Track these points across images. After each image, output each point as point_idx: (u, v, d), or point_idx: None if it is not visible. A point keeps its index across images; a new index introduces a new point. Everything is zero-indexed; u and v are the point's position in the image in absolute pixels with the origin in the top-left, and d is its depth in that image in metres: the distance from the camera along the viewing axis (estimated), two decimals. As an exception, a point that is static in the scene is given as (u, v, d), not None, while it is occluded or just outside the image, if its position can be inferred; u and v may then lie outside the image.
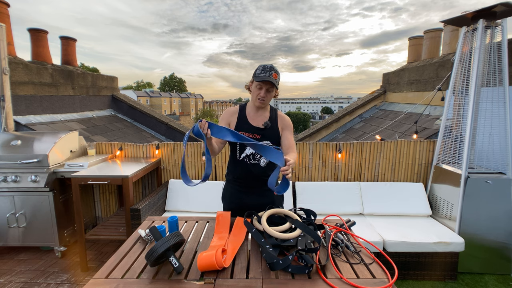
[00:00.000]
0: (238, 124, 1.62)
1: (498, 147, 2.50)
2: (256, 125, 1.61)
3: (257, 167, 1.63)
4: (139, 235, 1.47)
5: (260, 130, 1.61)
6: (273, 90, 1.56)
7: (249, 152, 1.63)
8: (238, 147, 1.64)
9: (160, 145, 3.27)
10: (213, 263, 1.11)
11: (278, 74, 1.53)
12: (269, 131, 1.62)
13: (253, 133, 1.60)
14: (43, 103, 4.17)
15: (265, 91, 1.53)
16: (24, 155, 2.66)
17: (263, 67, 1.52)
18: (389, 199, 2.90)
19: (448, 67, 3.89)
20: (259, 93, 1.55)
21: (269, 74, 1.49)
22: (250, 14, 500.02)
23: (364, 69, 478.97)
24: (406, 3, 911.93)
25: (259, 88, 1.54)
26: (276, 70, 1.52)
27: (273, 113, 1.67)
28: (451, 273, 2.39)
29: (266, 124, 1.60)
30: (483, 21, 2.44)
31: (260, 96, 1.55)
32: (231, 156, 1.71)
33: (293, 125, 1.72)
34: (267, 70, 1.50)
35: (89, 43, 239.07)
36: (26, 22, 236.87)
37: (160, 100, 45.95)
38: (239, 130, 1.57)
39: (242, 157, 1.64)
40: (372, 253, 1.27)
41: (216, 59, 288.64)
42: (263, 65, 1.53)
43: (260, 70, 1.51)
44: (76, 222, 2.53)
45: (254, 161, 1.63)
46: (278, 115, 1.69)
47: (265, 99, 1.55)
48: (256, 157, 1.63)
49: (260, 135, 1.60)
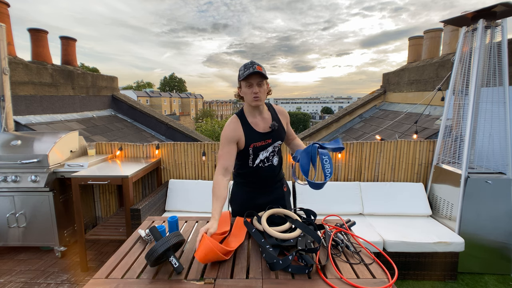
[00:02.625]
0: (247, 137, 1.52)
1: (498, 147, 2.50)
2: (263, 130, 1.55)
3: (271, 168, 1.61)
4: (139, 235, 1.47)
5: (269, 134, 1.56)
6: (264, 82, 1.47)
7: (263, 156, 1.58)
8: (252, 156, 1.56)
9: (160, 145, 3.27)
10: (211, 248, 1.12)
11: (262, 67, 1.45)
12: (277, 131, 1.58)
13: (265, 140, 1.55)
14: (43, 103, 4.17)
15: (257, 86, 1.45)
16: (24, 155, 2.66)
17: (244, 66, 1.46)
18: (389, 199, 2.90)
19: (448, 67, 3.89)
20: (251, 91, 1.45)
21: (253, 68, 1.41)
22: (250, 14, 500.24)
23: (364, 69, 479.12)
24: (406, 3, 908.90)
25: (249, 86, 1.45)
26: (258, 64, 1.45)
27: (272, 111, 1.63)
28: (451, 273, 2.39)
29: (273, 126, 1.55)
30: (483, 21, 2.43)
31: (254, 94, 1.45)
32: (242, 164, 1.62)
33: (293, 125, 1.72)
34: (249, 66, 1.43)
35: (88, 43, 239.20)
36: (25, 22, 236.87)
37: (160, 100, 45.95)
38: (251, 143, 1.51)
39: (256, 163, 1.58)
40: (372, 253, 1.27)
41: (216, 59, 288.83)
42: (244, 65, 1.47)
43: (243, 70, 1.45)
44: (76, 222, 2.53)
45: (268, 163, 1.60)
46: (277, 110, 1.65)
47: (259, 94, 1.45)
48: (270, 158, 1.60)
49: (271, 138, 1.57)
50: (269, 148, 1.58)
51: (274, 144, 1.59)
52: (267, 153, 1.58)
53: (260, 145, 1.54)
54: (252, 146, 1.53)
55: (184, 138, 5.68)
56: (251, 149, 1.54)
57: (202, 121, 35.64)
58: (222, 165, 1.47)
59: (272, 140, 1.57)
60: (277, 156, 1.64)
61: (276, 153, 1.63)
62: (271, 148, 1.59)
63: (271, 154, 1.60)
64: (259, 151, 1.56)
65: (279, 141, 1.60)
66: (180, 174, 3.30)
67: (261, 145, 1.54)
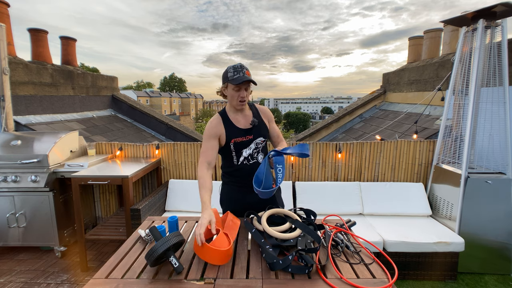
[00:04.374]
0: (228, 132, 1.58)
1: (498, 147, 2.50)
2: (244, 126, 1.61)
3: (256, 165, 1.62)
4: (139, 235, 1.47)
5: (250, 130, 1.61)
6: (250, 87, 1.55)
7: (247, 154, 1.62)
8: (234, 153, 1.61)
9: (160, 145, 3.27)
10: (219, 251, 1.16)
11: (249, 72, 1.52)
12: (258, 127, 1.63)
13: (245, 136, 1.60)
14: (43, 103, 4.17)
15: (244, 90, 1.52)
16: (24, 155, 2.66)
17: (233, 68, 1.49)
18: (389, 199, 2.90)
19: (448, 67, 3.89)
20: (238, 95, 1.51)
21: (243, 73, 1.46)
22: (250, 13, 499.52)
23: (364, 69, 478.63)
24: (407, 3, 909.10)
25: (237, 90, 1.51)
26: (247, 68, 1.51)
27: (253, 109, 1.69)
28: (451, 273, 2.39)
29: (254, 122, 1.61)
30: (483, 21, 2.43)
31: (241, 98, 1.52)
32: (227, 163, 1.68)
33: (293, 125, 1.72)
34: (239, 70, 1.47)
35: (88, 43, 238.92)
36: (24, 22, 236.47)
37: (160, 100, 45.96)
38: (232, 138, 1.57)
39: (240, 161, 1.62)
40: (372, 253, 1.27)
41: (216, 59, 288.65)
42: (233, 66, 1.50)
43: (232, 72, 1.48)
44: (76, 222, 2.53)
45: (252, 160, 1.63)
46: (259, 109, 1.71)
47: (245, 98, 1.54)
48: (254, 155, 1.63)
49: (251, 134, 1.61)
50: (251, 145, 1.61)
51: (255, 141, 1.62)
52: (250, 150, 1.62)
53: (240, 140, 1.59)
54: (233, 142, 1.58)
55: (184, 138, 5.68)
56: (232, 145, 1.59)
57: (202, 121, 35.65)
58: (205, 159, 1.53)
59: (253, 136, 1.61)
60: (262, 154, 1.66)
61: (260, 150, 1.65)
62: (253, 145, 1.62)
63: (255, 151, 1.63)
64: (241, 147, 1.60)
65: (261, 137, 1.64)
66: (180, 174, 3.30)
67: (241, 140, 1.59)
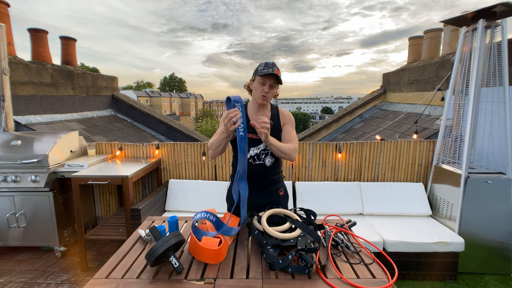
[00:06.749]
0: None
1: (498, 147, 2.50)
2: None
3: (262, 168, 1.63)
4: (139, 235, 1.47)
5: None
6: (276, 86, 1.55)
7: (254, 153, 1.62)
8: None
9: (160, 145, 3.26)
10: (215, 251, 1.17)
11: (280, 71, 1.53)
12: (272, 129, 1.58)
13: (256, 134, 1.56)
14: (43, 103, 4.17)
15: (269, 86, 1.52)
16: (24, 155, 2.66)
17: (265, 63, 1.52)
18: (389, 199, 2.90)
19: (448, 67, 3.89)
20: (262, 89, 1.52)
21: (272, 69, 1.48)
22: (249, 13, 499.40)
23: (364, 69, 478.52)
24: (407, 2, 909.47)
25: (262, 84, 1.52)
26: (278, 67, 1.52)
27: (274, 110, 1.67)
28: (451, 273, 2.39)
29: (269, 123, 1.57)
30: (483, 21, 2.43)
31: (263, 92, 1.52)
32: (235, 157, 1.68)
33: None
34: (270, 66, 1.50)
35: (88, 43, 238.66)
36: (24, 22, 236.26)
37: (160, 100, 45.96)
38: None
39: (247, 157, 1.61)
40: (372, 253, 1.27)
41: (216, 59, 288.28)
42: (265, 62, 1.53)
43: (263, 67, 1.51)
44: (76, 222, 2.53)
45: (259, 161, 1.62)
46: (280, 112, 1.69)
47: (268, 94, 1.53)
48: (261, 157, 1.62)
49: None
50: (260, 145, 1.60)
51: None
52: (258, 150, 1.61)
53: (251, 137, 1.56)
54: None
55: (184, 138, 5.68)
56: None
57: (202, 121, 35.66)
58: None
59: None
60: (270, 158, 1.63)
61: (269, 153, 1.62)
62: (263, 145, 1.60)
63: (262, 152, 1.61)
64: (250, 145, 1.58)
65: None
66: (180, 174, 3.30)
67: (251, 137, 1.56)
